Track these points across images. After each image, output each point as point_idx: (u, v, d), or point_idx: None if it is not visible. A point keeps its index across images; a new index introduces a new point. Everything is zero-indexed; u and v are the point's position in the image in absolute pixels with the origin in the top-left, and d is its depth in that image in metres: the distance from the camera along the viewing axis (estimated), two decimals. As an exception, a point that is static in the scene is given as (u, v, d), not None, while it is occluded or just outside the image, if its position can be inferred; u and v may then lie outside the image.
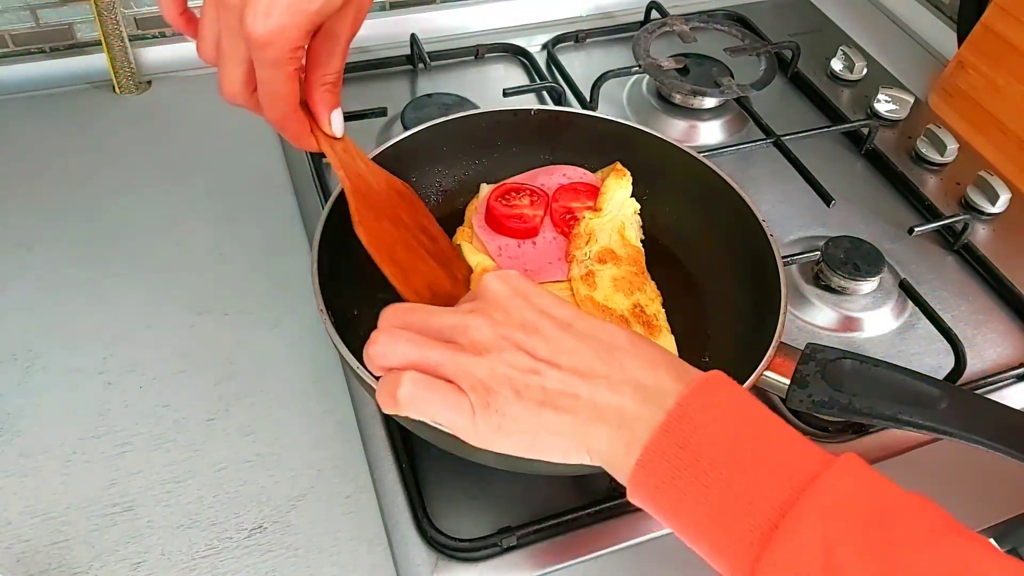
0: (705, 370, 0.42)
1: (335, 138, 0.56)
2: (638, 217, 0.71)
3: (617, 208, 0.69)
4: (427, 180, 0.73)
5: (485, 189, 0.72)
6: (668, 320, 0.65)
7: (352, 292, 0.64)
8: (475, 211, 0.71)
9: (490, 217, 0.69)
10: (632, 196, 0.71)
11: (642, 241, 0.70)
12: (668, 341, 0.62)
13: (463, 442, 0.50)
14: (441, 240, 0.64)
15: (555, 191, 0.71)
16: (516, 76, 0.98)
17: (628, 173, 0.71)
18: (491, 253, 0.67)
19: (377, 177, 0.60)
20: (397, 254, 0.57)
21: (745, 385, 0.54)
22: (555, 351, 0.42)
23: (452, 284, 0.61)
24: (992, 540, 0.65)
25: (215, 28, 0.47)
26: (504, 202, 0.69)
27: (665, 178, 0.72)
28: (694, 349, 0.65)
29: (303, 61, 0.50)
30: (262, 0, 0.44)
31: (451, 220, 0.73)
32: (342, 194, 0.64)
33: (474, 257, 0.67)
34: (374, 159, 0.66)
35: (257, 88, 0.49)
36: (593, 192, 0.71)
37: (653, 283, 0.66)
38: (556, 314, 0.44)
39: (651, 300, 0.65)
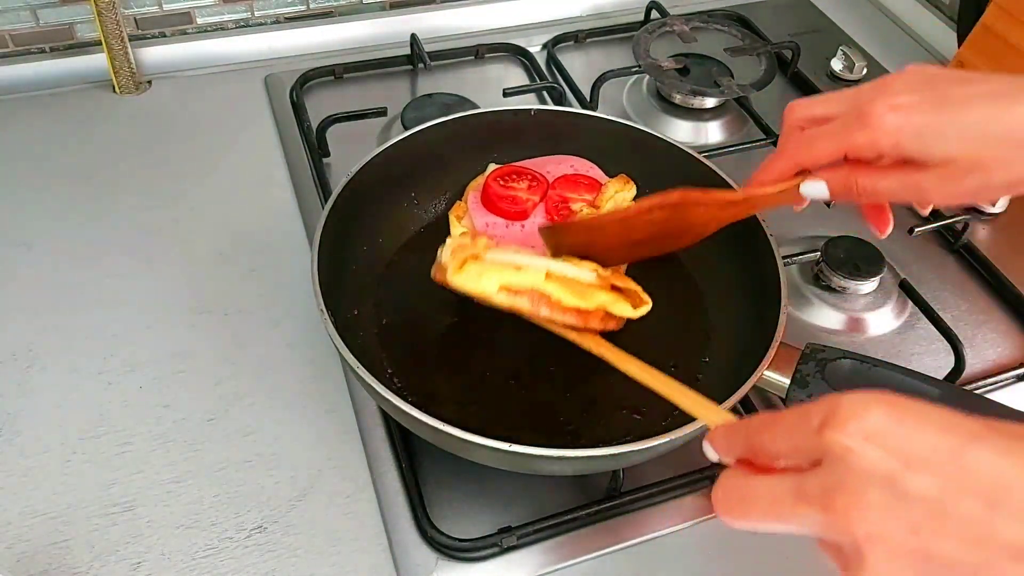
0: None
1: (780, 191, 0.54)
2: None
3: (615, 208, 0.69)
4: (427, 180, 0.73)
5: (491, 168, 0.72)
6: (668, 320, 0.65)
7: (352, 292, 0.65)
8: (474, 187, 0.71)
9: (485, 195, 0.69)
10: (632, 199, 0.71)
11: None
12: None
13: (462, 442, 0.50)
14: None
15: (555, 180, 0.71)
16: (516, 76, 0.98)
17: (632, 183, 0.71)
18: (478, 228, 0.67)
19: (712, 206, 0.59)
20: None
21: (745, 385, 0.54)
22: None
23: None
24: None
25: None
26: (502, 183, 0.70)
27: (665, 178, 0.71)
28: (694, 349, 0.65)
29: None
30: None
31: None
32: (342, 193, 0.64)
33: (456, 228, 0.67)
34: (374, 159, 0.67)
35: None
36: (594, 186, 0.71)
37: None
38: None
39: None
